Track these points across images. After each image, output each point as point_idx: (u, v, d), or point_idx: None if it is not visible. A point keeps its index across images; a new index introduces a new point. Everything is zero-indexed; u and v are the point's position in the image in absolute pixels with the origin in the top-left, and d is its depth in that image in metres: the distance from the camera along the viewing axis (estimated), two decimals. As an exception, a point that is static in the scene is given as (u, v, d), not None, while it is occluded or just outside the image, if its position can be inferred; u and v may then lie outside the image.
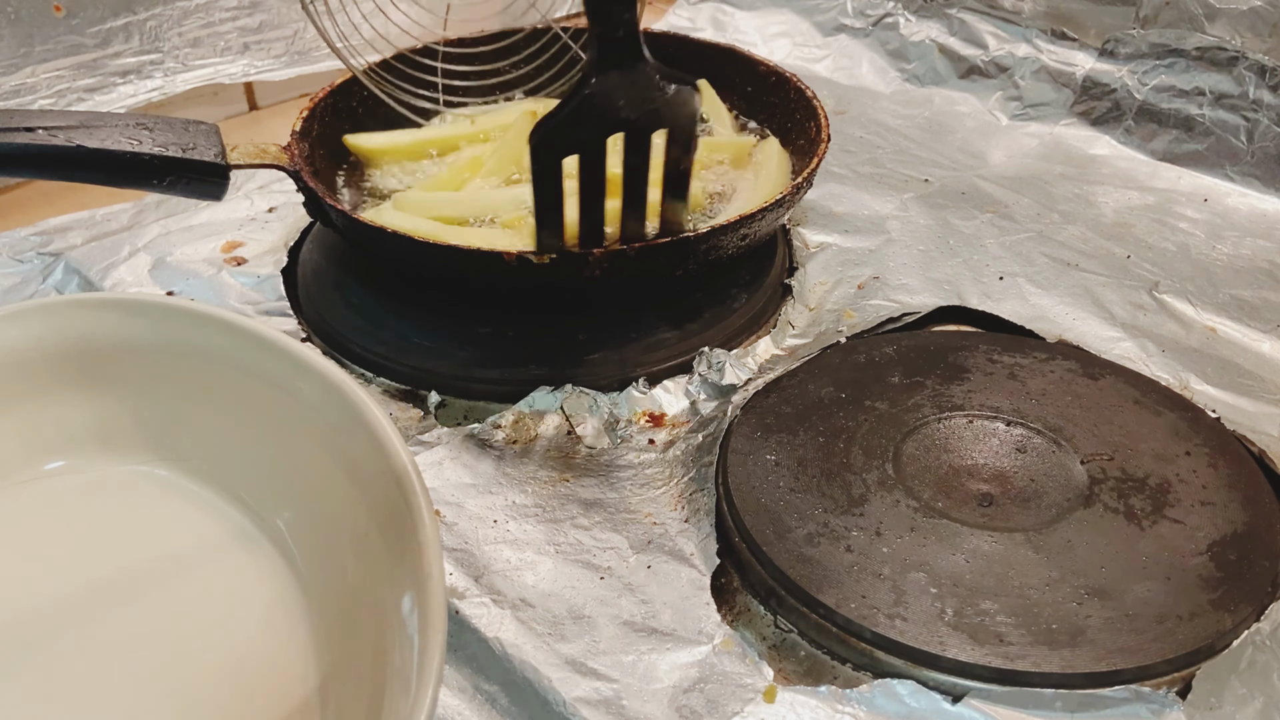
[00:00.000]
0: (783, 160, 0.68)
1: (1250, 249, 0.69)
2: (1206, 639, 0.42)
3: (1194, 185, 0.76)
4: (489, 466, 0.52)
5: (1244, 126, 0.76)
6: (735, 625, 0.45)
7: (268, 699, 0.39)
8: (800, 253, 0.68)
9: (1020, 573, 0.45)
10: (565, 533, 0.48)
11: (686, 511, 0.49)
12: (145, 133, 0.56)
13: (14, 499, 0.45)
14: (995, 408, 0.53)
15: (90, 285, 0.64)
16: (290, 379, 0.43)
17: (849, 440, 0.52)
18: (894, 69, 0.92)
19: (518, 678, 0.42)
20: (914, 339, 0.59)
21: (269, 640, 0.40)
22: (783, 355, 0.59)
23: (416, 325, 0.60)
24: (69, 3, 0.76)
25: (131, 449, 0.46)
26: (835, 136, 0.74)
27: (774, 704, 0.41)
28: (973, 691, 0.41)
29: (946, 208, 0.73)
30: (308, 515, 0.43)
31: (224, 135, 0.59)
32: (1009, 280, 0.65)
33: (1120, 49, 0.82)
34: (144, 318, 0.46)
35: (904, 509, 0.48)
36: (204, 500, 0.45)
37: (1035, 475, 0.50)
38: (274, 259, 0.66)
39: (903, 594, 0.44)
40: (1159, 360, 0.58)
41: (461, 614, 0.44)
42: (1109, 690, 0.41)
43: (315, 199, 0.59)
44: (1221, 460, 0.50)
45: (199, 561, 0.43)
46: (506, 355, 0.58)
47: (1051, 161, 0.80)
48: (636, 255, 0.54)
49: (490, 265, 0.54)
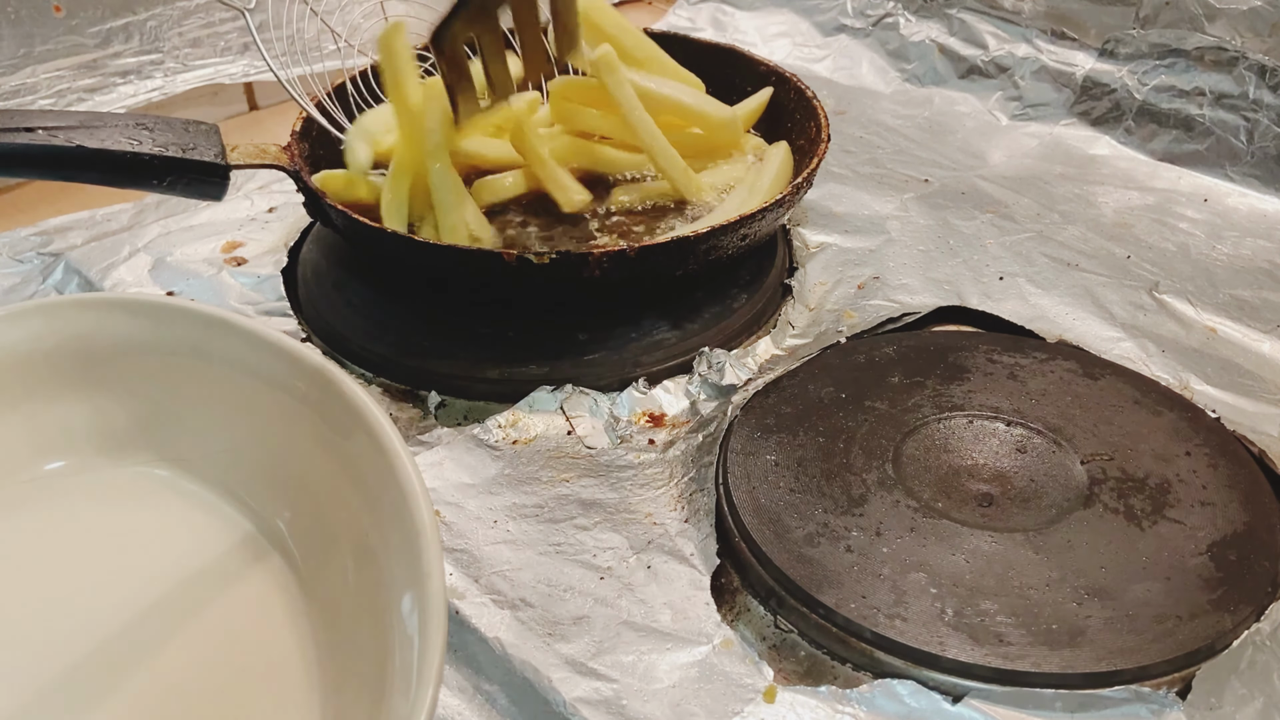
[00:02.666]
0: (787, 162, 0.68)
1: (1250, 249, 0.69)
2: (1206, 639, 0.42)
3: (1194, 185, 0.76)
4: (489, 467, 0.52)
5: (1244, 126, 0.76)
6: (735, 625, 0.45)
7: (267, 699, 0.39)
8: (800, 253, 0.68)
9: (1020, 573, 0.45)
10: (565, 533, 0.48)
11: (686, 511, 0.49)
12: (145, 133, 0.56)
13: (14, 499, 0.45)
14: (995, 408, 0.53)
15: (90, 285, 0.64)
16: (290, 379, 0.43)
17: (849, 440, 0.52)
18: (894, 69, 0.92)
19: (518, 678, 0.42)
20: (914, 339, 0.59)
21: (268, 640, 0.40)
22: (783, 355, 0.59)
23: (416, 325, 0.60)
24: (69, 3, 0.76)
25: (131, 449, 0.46)
26: (835, 136, 0.74)
27: (774, 704, 0.41)
28: (973, 691, 0.41)
29: (946, 208, 0.73)
30: (308, 515, 0.43)
31: (224, 135, 0.59)
32: (1009, 280, 0.65)
33: (1120, 49, 0.82)
34: (144, 318, 0.46)
35: (904, 509, 0.48)
36: (204, 500, 0.45)
37: (1035, 475, 0.50)
38: (274, 259, 0.66)
39: (903, 594, 0.44)
40: (1159, 360, 0.58)
41: (461, 614, 0.44)
42: (1109, 690, 0.41)
43: (315, 199, 0.59)
44: (1221, 460, 0.50)
45: (198, 562, 0.43)
46: (506, 355, 0.58)
47: (1051, 161, 0.80)
48: (636, 255, 0.54)
49: (490, 265, 0.54)
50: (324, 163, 0.65)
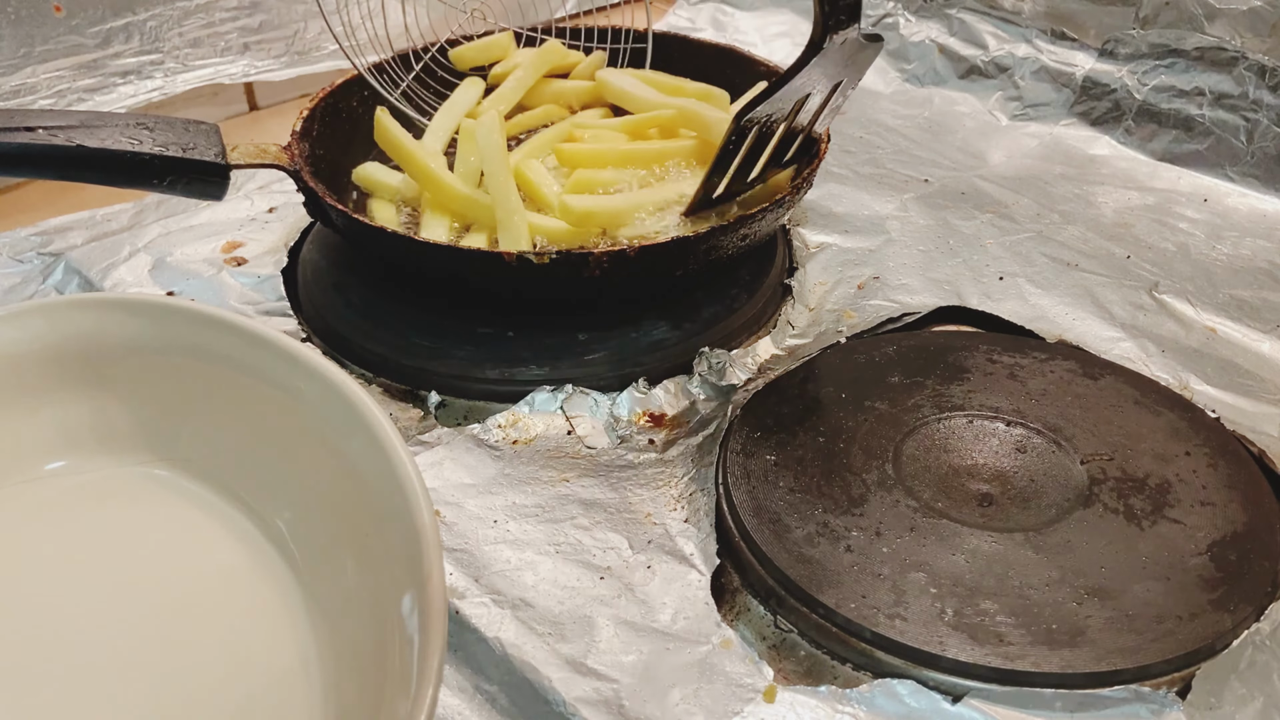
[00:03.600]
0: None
1: (1250, 249, 0.69)
2: (1206, 639, 0.42)
3: (1194, 185, 0.76)
4: (489, 467, 0.52)
5: (1244, 126, 0.76)
6: (735, 625, 0.45)
7: (267, 699, 0.39)
8: (800, 253, 0.68)
9: (1020, 573, 0.45)
10: (565, 533, 0.48)
11: (686, 511, 0.49)
12: (145, 133, 0.56)
13: (14, 499, 0.45)
14: (995, 408, 0.53)
15: (90, 285, 0.64)
16: (290, 379, 0.43)
17: (849, 440, 0.52)
18: (894, 69, 0.92)
19: (518, 678, 0.42)
20: (914, 339, 0.59)
21: (268, 640, 0.40)
22: (783, 355, 0.59)
23: (416, 325, 0.60)
24: (69, 3, 0.76)
25: (131, 449, 0.46)
26: (835, 136, 0.74)
27: (774, 704, 0.41)
28: (973, 691, 0.41)
29: (946, 208, 0.73)
30: (308, 515, 0.43)
31: (224, 135, 0.59)
32: (1009, 280, 0.65)
33: (1120, 49, 0.82)
34: (144, 318, 0.46)
35: (904, 509, 0.48)
36: (204, 500, 0.45)
37: (1035, 475, 0.50)
38: (274, 259, 0.66)
39: (903, 594, 0.44)
40: (1159, 360, 0.58)
41: (461, 614, 0.44)
42: (1109, 690, 0.41)
43: (315, 199, 0.59)
44: (1221, 460, 0.50)
45: (199, 562, 0.43)
46: (506, 355, 0.58)
47: (1051, 161, 0.80)
48: (636, 255, 0.54)
49: (490, 265, 0.54)
50: (324, 162, 0.65)
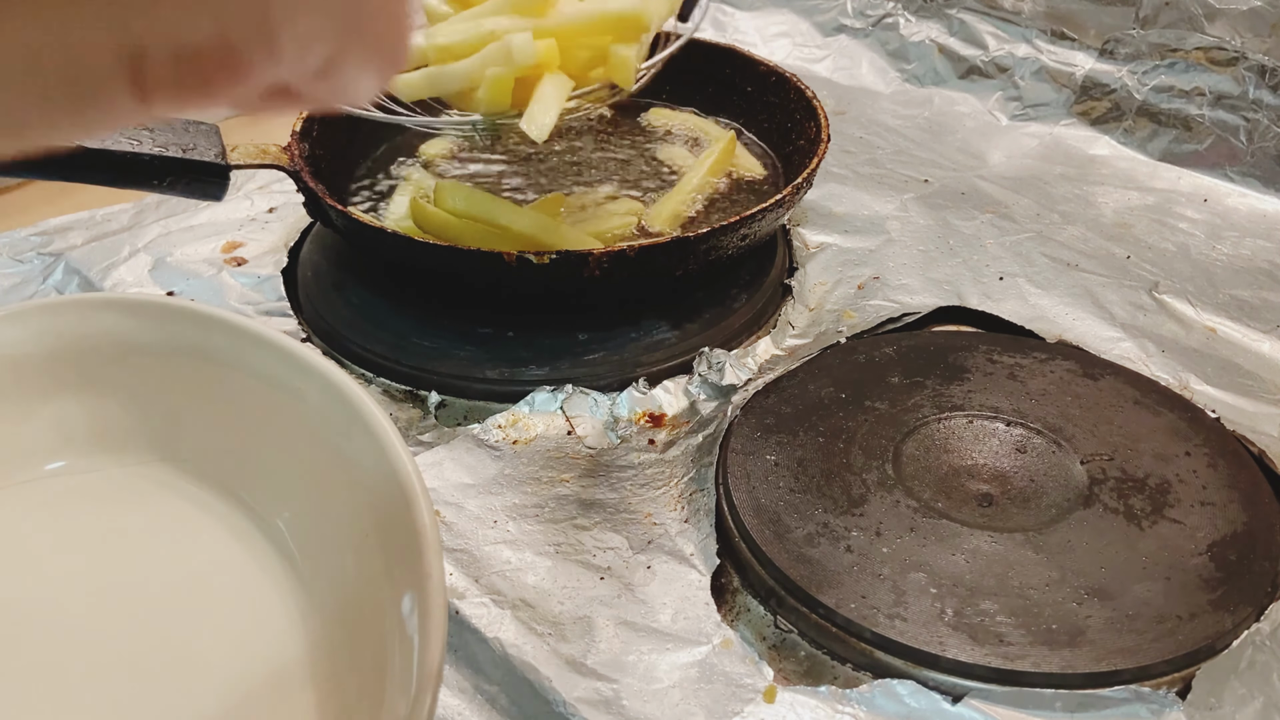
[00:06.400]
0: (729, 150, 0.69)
1: (1250, 249, 0.69)
2: (1206, 639, 0.42)
3: (1194, 185, 0.76)
4: (489, 467, 0.52)
5: (1244, 126, 0.76)
6: (735, 625, 0.45)
7: (267, 699, 0.39)
8: (800, 253, 0.68)
9: (1020, 573, 0.45)
10: (565, 533, 0.48)
11: (686, 511, 0.49)
12: (145, 133, 0.56)
13: (14, 499, 0.45)
14: (995, 408, 0.53)
15: (90, 285, 0.64)
16: (290, 379, 0.43)
17: (849, 440, 0.52)
18: (894, 69, 0.92)
19: (517, 678, 0.42)
20: (914, 339, 0.59)
21: (268, 640, 0.40)
22: (783, 355, 0.59)
23: (416, 325, 0.60)
24: (69, 3, 0.76)
25: (131, 449, 0.46)
26: (835, 136, 0.74)
27: (774, 704, 0.41)
28: (973, 691, 0.41)
29: (946, 208, 0.73)
30: (308, 515, 0.43)
31: (224, 135, 0.59)
32: (1009, 280, 0.65)
33: (1120, 49, 0.82)
34: (144, 318, 0.46)
35: (904, 509, 0.48)
36: (204, 500, 0.45)
37: (1035, 475, 0.50)
38: (274, 259, 0.66)
39: (903, 594, 0.44)
40: (1159, 360, 0.58)
41: (461, 614, 0.44)
42: (1109, 690, 0.41)
43: (315, 199, 0.59)
44: (1221, 460, 0.50)
45: (198, 562, 0.43)
46: (506, 355, 0.58)
47: (1051, 162, 0.80)
48: (636, 255, 0.54)
49: (490, 265, 0.54)
50: (324, 163, 0.65)
